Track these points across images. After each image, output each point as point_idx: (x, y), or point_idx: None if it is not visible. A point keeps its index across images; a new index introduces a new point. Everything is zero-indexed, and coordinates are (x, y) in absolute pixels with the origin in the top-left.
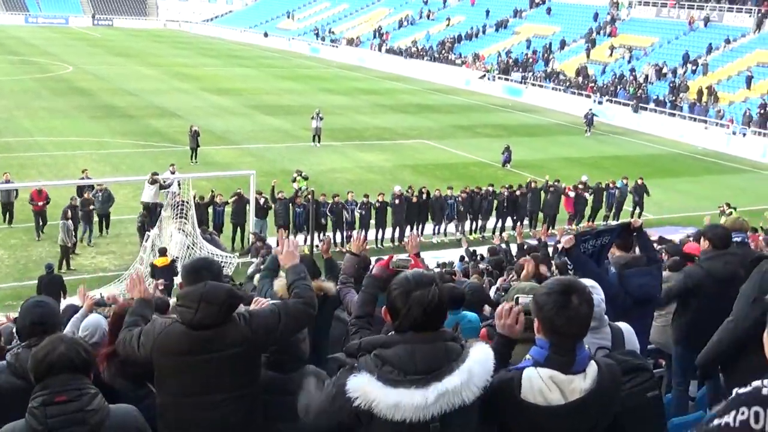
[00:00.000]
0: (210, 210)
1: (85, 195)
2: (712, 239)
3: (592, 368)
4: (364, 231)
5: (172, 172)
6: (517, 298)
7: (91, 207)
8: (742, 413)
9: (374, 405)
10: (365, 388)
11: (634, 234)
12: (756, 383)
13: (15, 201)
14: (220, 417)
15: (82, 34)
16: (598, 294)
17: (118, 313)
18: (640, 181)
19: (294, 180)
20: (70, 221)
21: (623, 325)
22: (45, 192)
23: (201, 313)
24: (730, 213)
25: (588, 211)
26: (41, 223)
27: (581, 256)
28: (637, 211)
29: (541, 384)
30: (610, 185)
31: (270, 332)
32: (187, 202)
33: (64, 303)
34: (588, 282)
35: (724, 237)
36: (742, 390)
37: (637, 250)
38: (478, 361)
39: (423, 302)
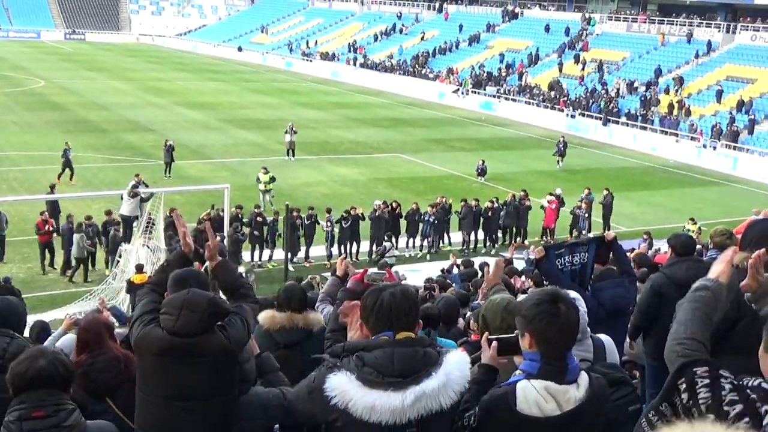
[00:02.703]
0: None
1: (113, 229)
2: (674, 246)
3: (584, 378)
4: (341, 246)
5: (138, 182)
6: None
7: (117, 236)
8: None
9: (350, 405)
10: (343, 387)
11: (610, 247)
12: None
13: (6, 229)
14: (196, 422)
15: (54, 48)
16: (580, 305)
17: (84, 327)
18: (605, 192)
19: (258, 180)
20: (83, 234)
21: (604, 338)
22: (51, 221)
23: (182, 321)
24: (699, 229)
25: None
26: (49, 256)
27: (552, 268)
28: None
29: (536, 395)
30: (582, 205)
31: (243, 340)
32: (153, 218)
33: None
34: (570, 293)
35: (686, 244)
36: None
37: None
38: (455, 365)
39: (394, 295)
